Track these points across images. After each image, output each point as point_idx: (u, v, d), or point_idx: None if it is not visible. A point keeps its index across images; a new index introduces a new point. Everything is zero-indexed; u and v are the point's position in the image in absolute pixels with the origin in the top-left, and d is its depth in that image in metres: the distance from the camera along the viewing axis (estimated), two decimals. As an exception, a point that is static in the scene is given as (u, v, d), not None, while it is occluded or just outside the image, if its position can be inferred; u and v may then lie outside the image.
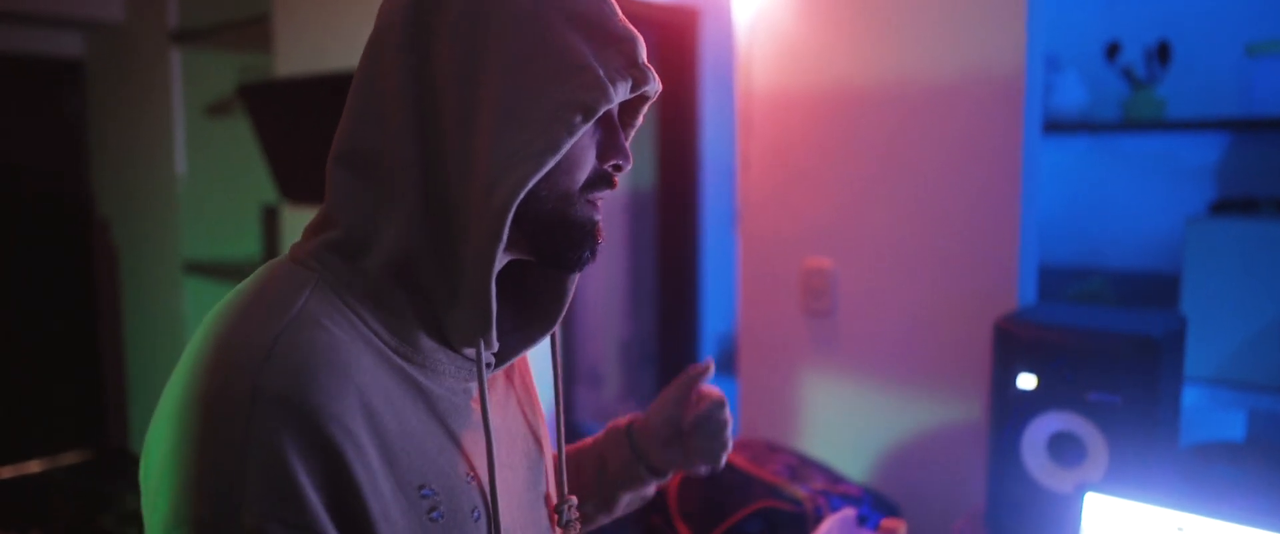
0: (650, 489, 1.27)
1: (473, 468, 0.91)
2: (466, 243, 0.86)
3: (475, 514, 0.89)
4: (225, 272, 4.18)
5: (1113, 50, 3.22)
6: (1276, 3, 3.02)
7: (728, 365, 3.95)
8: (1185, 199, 3.21)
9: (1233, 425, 2.85)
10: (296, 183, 3.59)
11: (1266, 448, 2.66)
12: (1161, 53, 3.14)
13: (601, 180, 0.93)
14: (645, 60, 0.91)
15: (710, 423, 1.21)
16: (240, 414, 0.74)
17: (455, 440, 0.90)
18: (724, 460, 1.22)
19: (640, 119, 1.01)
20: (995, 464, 1.97)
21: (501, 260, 0.91)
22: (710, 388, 1.21)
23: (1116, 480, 1.81)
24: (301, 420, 0.75)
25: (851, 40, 2.31)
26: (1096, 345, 1.82)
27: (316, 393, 0.77)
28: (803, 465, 2.13)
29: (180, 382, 0.79)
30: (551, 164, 0.84)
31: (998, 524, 1.98)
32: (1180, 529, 1.50)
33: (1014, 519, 1.95)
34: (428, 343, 0.90)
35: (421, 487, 0.84)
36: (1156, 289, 3.25)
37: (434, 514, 0.84)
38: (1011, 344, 1.92)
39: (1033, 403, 1.90)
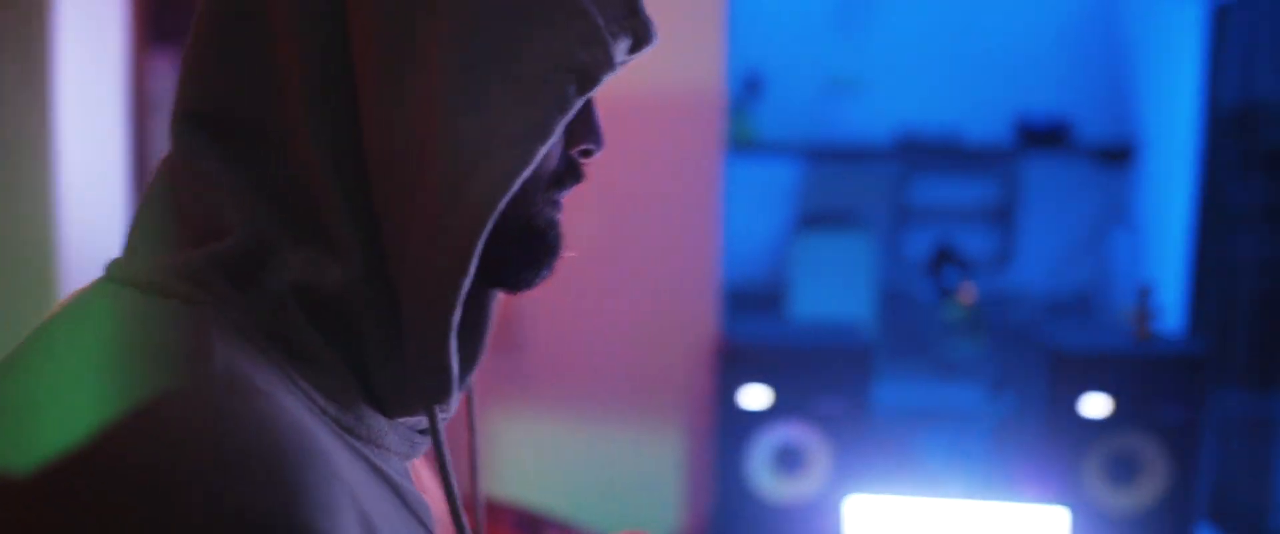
0: None
1: None
2: (415, 269, 0.60)
3: None
4: None
5: (711, 79, 3.49)
6: (850, 45, 3.48)
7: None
8: (775, 216, 3.58)
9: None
10: None
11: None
12: (754, 83, 3.47)
13: (570, 173, 0.69)
14: (644, 7, 0.68)
15: None
16: None
17: None
18: None
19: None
20: (721, 483, 1.99)
21: None
22: None
23: (839, 485, 1.92)
24: None
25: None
26: (817, 359, 1.92)
27: (318, 513, 0.49)
28: (531, 519, 1.97)
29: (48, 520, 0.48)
30: (542, 155, 0.59)
31: (724, 542, 2.00)
32: (937, 515, 1.62)
33: (741, 534, 1.98)
34: (364, 406, 0.63)
35: None
36: (757, 298, 3.57)
37: None
38: (734, 362, 1.96)
39: (758, 419, 1.95)
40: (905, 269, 3.34)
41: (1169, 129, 3.09)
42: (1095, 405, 1.98)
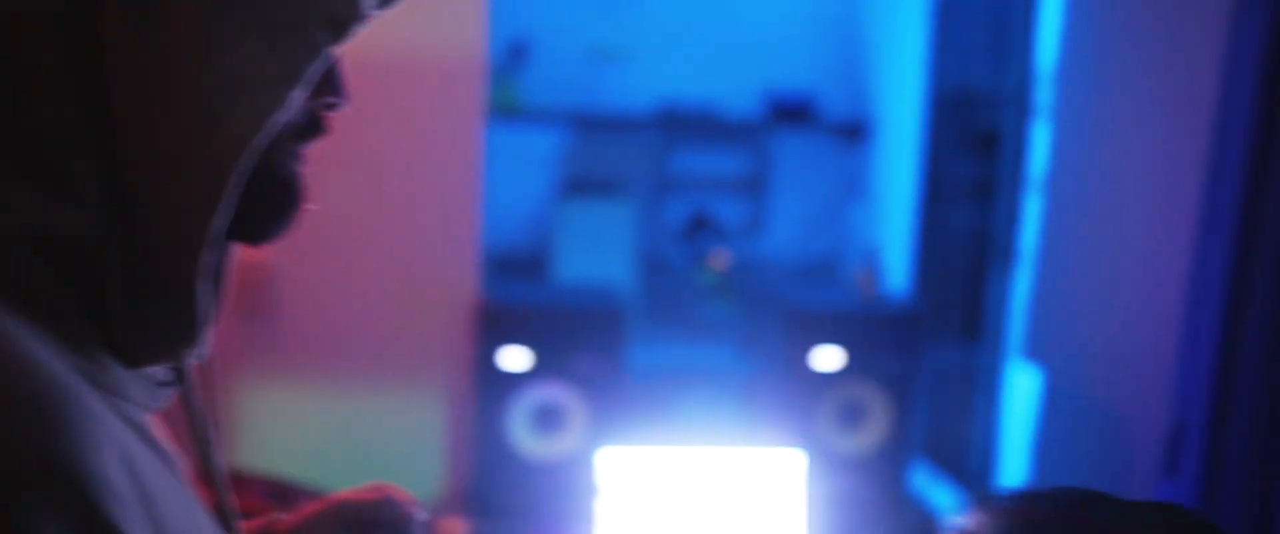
0: None
1: None
2: (163, 209, 0.60)
3: None
4: None
5: (476, 45, 3.46)
6: (615, 15, 3.55)
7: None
8: (540, 183, 3.62)
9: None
10: None
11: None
12: (519, 51, 3.47)
13: (312, 125, 0.70)
14: None
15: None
16: None
17: (198, 501, 0.67)
18: None
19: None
20: (481, 443, 2.01)
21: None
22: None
23: (596, 441, 1.99)
24: (74, 499, 0.49)
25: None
26: (575, 320, 1.98)
27: (82, 448, 0.50)
28: (282, 489, 1.91)
29: None
30: (292, 100, 0.61)
31: (484, 502, 2.03)
32: (685, 462, 1.72)
33: (501, 494, 2.02)
34: (104, 356, 0.62)
35: None
36: (522, 264, 3.60)
37: None
38: (493, 324, 1.98)
39: (517, 380, 1.98)
40: (664, 236, 3.48)
41: (898, 110, 3.38)
42: (827, 358, 2.16)
